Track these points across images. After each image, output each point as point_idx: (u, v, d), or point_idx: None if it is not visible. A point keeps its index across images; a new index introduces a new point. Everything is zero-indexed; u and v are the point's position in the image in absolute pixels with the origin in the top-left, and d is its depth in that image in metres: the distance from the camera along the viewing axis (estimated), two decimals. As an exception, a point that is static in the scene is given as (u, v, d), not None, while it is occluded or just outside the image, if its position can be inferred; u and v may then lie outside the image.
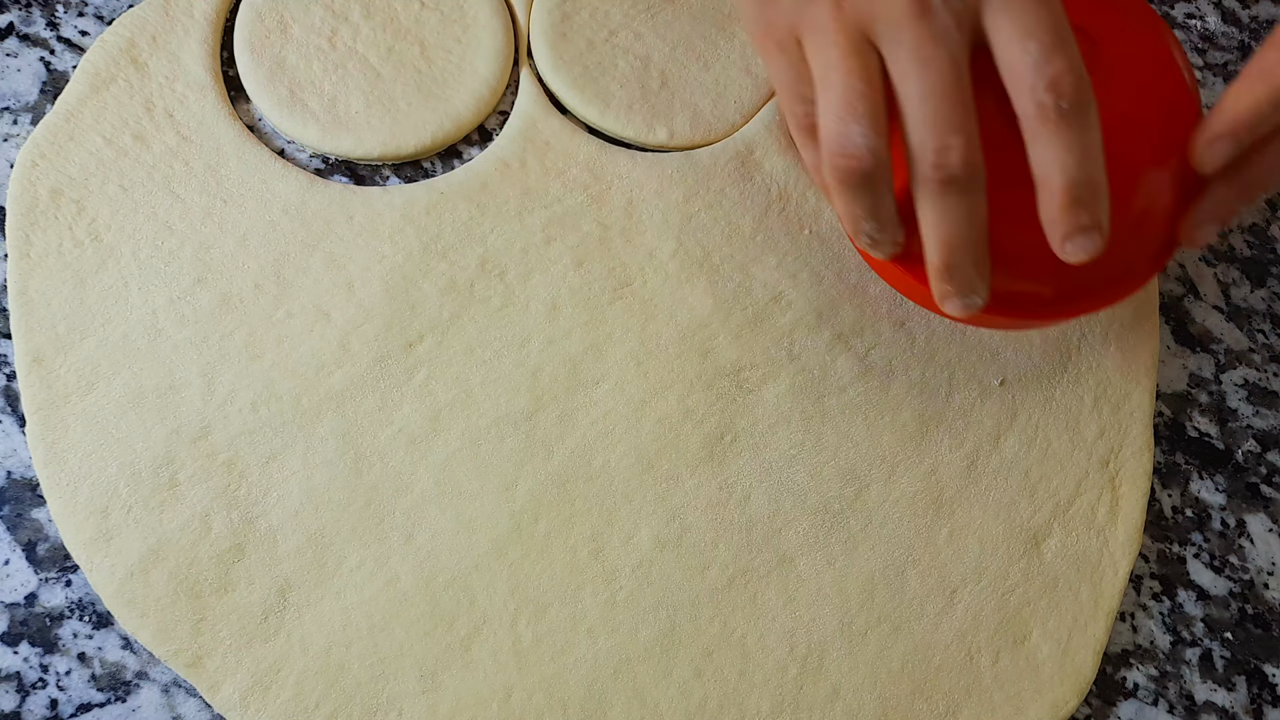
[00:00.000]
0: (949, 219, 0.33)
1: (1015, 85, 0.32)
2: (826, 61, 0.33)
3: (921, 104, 0.32)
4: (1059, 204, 0.32)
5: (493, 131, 0.47)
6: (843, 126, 0.32)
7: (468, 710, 0.37)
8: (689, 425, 0.42)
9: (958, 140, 0.32)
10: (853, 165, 0.33)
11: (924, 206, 0.33)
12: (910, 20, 0.32)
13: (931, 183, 0.32)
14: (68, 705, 0.36)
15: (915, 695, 0.40)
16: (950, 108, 0.32)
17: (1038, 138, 0.32)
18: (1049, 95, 0.31)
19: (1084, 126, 0.32)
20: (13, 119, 0.44)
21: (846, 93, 0.32)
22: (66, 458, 0.38)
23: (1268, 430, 0.48)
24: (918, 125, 0.32)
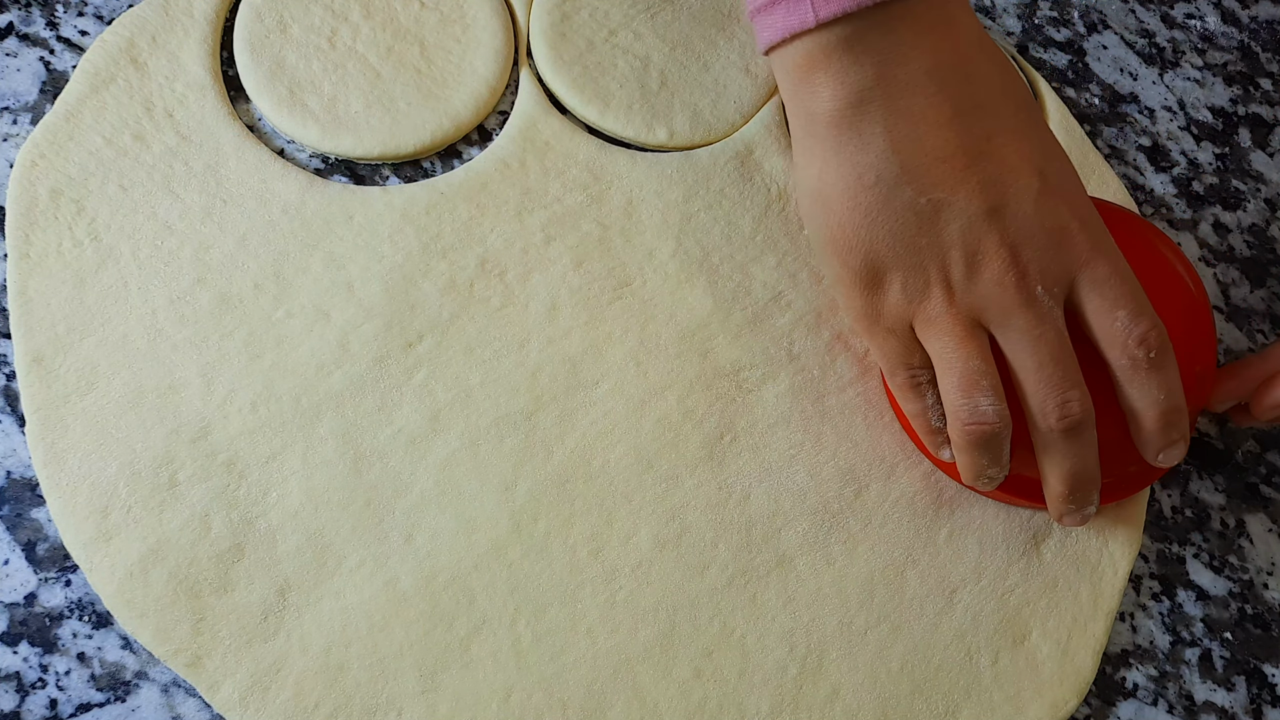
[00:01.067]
0: (1075, 457, 0.39)
1: (1110, 344, 0.38)
2: (944, 346, 0.38)
3: (1039, 371, 0.38)
4: (1156, 429, 0.39)
5: (493, 131, 0.47)
6: (971, 400, 0.38)
7: (467, 710, 0.37)
8: (689, 425, 0.42)
9: (1075, 394, 0.38)
10: (985, 430, 0.38)
11: (1051, 450, 0.39)
12: (1019, 309, 0.37)
13: (1057, 432, 0.38)
14: (67, 705, 0.36)
15: (915, 695, 0.40)
16: (1064, 371, 0.38)
17: (1132, 383, 0.38)
18: (1140, 350, 0.38)
19: (1167, 367, 0.38)
20: (12, 119, 0.44)
21: (969, 371, 0.38)
22: (66, 458, 0.38)
23: (1267, 430, 0.48)
24: (1038, 389, 0.38)
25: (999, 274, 0.37)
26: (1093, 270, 0.38)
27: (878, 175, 0.37)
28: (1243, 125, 0.56)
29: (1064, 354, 0.38)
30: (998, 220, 0.37)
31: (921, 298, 0.38)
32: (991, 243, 0.37)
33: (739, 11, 0.51)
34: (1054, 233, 0.38)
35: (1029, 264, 0.37)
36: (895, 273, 0.38)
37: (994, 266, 0.37)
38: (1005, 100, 0.39)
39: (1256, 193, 0.54)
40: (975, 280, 0.38)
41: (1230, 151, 0.55)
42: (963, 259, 0.38)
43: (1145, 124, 0.54)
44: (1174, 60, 0.57)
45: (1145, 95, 0.55)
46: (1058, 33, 0.56)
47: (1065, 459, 0.39)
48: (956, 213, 0.37)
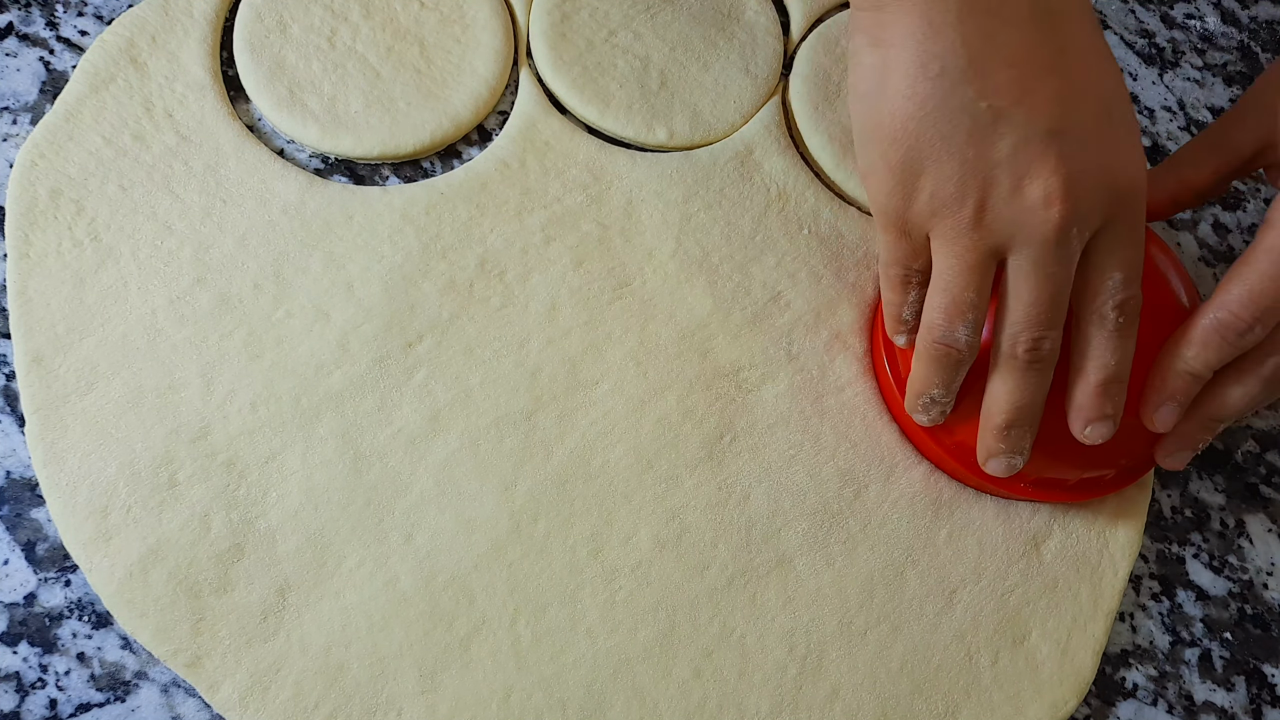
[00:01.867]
0: (1023, 389, 0.38)
1: (1088, 297, 0.37)
2: (950, 267, 0.37)
3: (1031, 306, 0.37)
4: (1093, 393, 0.38)
5: (492, 131, 0.47)
6: (950, 324, 0.38)
7: (467, 710, 0.37)
8: (688, 425, 0.42)
9: (1053, 334, 0.37)
10: (951, 354, 0.38)
11: (1004, 376, 0.38)
12: (1046, 245, 0.36)
13: (1020, 360, 0.37)
14: (67, 705, 0.36)
15: (915, 695, 0.40)
16: (1056, 312, 0.37)
17: (1091, 340, 0.38)
18: (1113, 313, 0.37)
19: (1128, 339, 0.38)
20: (12, 119, 0.44)
21: (962, 301, 0.37)
22: (66, 458, 0.38)
23: (1267, 430, 0.48)
24: (1021, 319, 0.37)
25: (1042, 203, 0.35)
26: (1119, 225, 0.37)
27: (943, 67, 0.35)
28: (1242, 125, 0.56)
29: (1061, 300, 0.37)
30: (1055, 144, 0.35)
31: (950, 212, 0.36)
32: (1045, 168, 0.35)
33: (739, 11, 0.51)
34: (1106, 172, 0.36)
35: (1076, 201, 0.35)
36: (931, 177, 0.36)
37: (1038, 194, 0.35)
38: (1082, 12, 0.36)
39: (1256, 193, 0.54)
40: (1014, 204, 0.36)
41: (1230, 151, 0.55)
42: (1009, 180, 0.35)
43: (1145, 124, 0.54)
44: (1174, 60, 0.57)
45: (1145, 95, 0.55)
46: (1057, 33, 0.56)
47: (1017, 390, 0.38)
48: (1014, 126, 0.35)
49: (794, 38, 0.52)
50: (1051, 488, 0.42)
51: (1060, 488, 0.42)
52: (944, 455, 0.42)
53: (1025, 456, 0.40)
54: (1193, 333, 0.39)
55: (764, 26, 0.51)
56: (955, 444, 0.42)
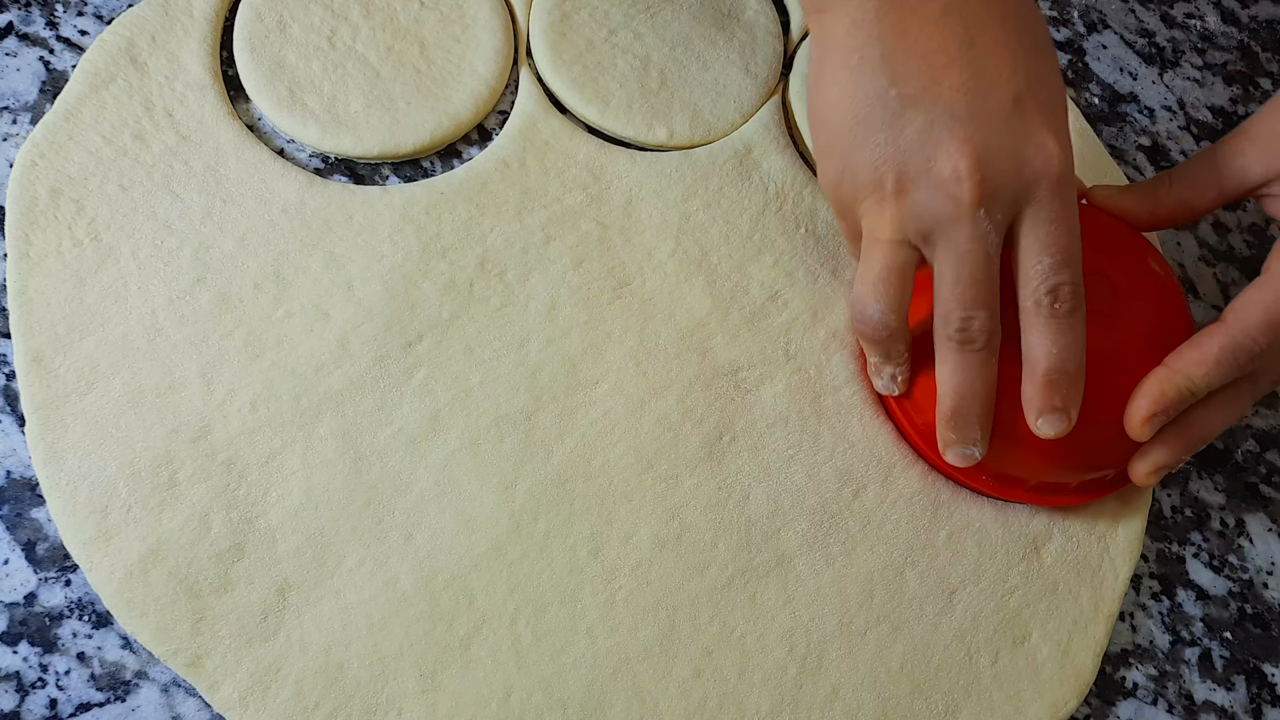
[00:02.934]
0: (962, 373, 0.38)
1: (1023, 284, 0.38)
2: (869, 244, 0.39)
3: (954, 285, 0.37)
4: (1039, 385, 0.38)
5: (492, 131, 0.47)
6: (864, 301, 0.39)
7: (467, 710, 0.37)
8: (688, 425, 0.42)
9: (981, 314, 0.37)
10: (865, 331, 0.40)
11: (943, 364, 0.39)
12: (956, 224, 0.37)
13: (953, 343, 0.38)
14: (67, 705, 0.36)
15: (915, 695, 0.40)
16: (978, 290, 0.37)
17: (1030, 328, 0.38)
18: (1047, 298, 0.37)
19: (1071, 327, 0.37)
20: (12, 119, 0.44)
21: (878, 278, 0.38)
22: (66, 457, 0.38)
23: (1267, 430, 0.48)
24: (948, 300, 0.38)
25: (947, 184, 0.37)
26: (1041, 208, 0.37)
27: (861, 57, 0.38)
28: (1243, 125, 0.56)
29: (986, 278, 0.37)
30: (962, 128, 0.37)
31: (869, 192, 0.38)
32: (949, 150, 0.37)
33: (739, 11, 0.51)
34: (1015, 155, 0.37)
35: (981, 182, 0.36)
36: (851, 158, 0.38)
37: (946, 170, 0.37)
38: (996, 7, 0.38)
39: (1256, 192, 0.54)
40: (925, 182, 0.37)
41: (1230, 151, 0.55)
42: (919, 159, 0.37)
43: (1145, 124, 0.54)
44: (1174, 60, 0.57)
45: (1145, 95, 0.55)
46: (1058, 33, 0.56)
47: (955, 374, 0.38)
48: (922, 110, 0.37)
49: (794, 37, 0.52)
50: (1052, 492, 0.42)
51: (1060, 491, 0.42)
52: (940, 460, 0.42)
53: (981, 446, 0.40)
54: (1207, 353, 0.39)
55: (764, 26, 0.51)
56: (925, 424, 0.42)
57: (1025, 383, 0.38)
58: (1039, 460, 0.41)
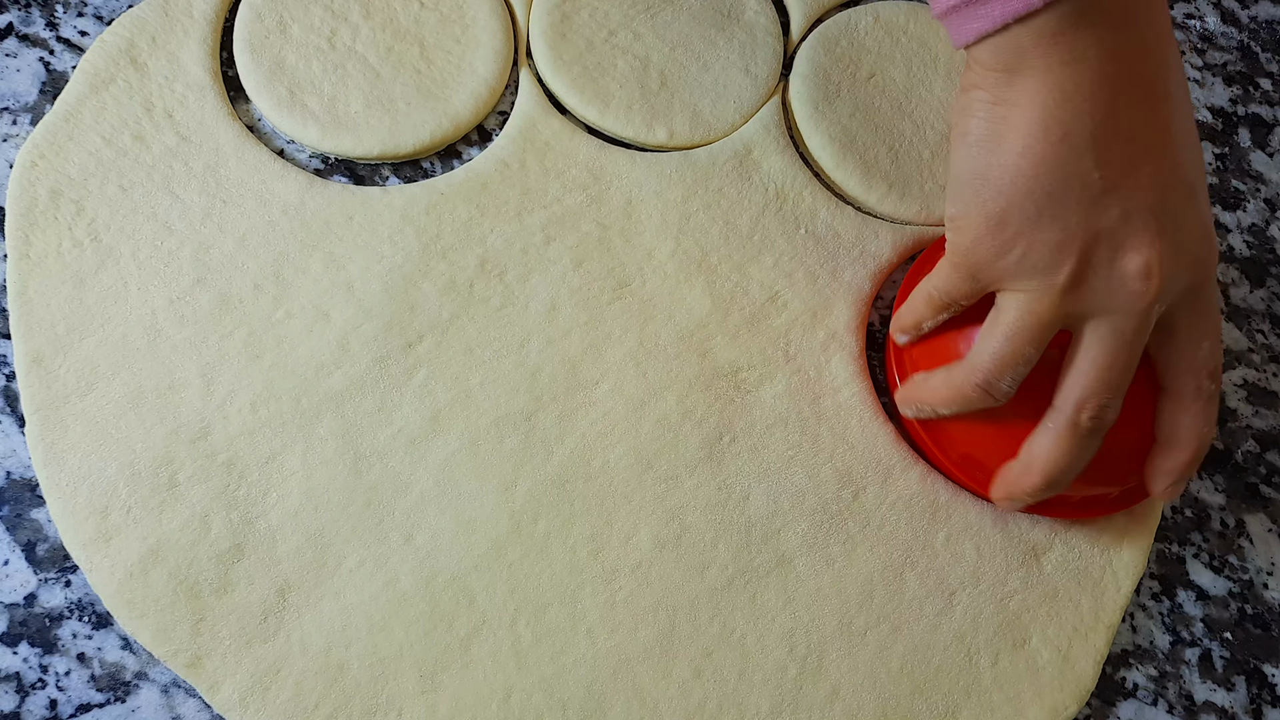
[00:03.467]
0: (1073, 453, 0.38)
1: (1183, 369, 0.38)
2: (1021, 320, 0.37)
3: (1105, 371, 0.37)
4: (1184, 463, 0.39)
5: (492, 131, 0.47)
6: (999, 372, 0.38)
7: (467, 710, 0.37)
8: (688, 426, 0.42)
9: (1117, 403, 0.37)
10: (987, 399, 0.39)
11: (1058, 438, 0.38)
12: (1132, 314, 0.36)
13: (1082, 425, 0.37)
14: (67, 705, 0.36)
15: (915, 695, 0.40)
16: (1123, 379, 0.37)
17: (1188, 411, 0.39)
18: (1209, 383, 0.38)
19: (1215, 407, 0.39)
20: (12, 119, 0.44)
21: (1019, 354, 0.37)
22: (66, 458, 0.38)
23: (1267, 430, 0.48)
24: (1090, 382, 0.37)
25: (1139, 275, 0.36)
26: (1199, 294, 0.37)
27: (1065, 132, 0.35)
28: (1243, 125, 0.56)
29: (1132, 366, 0.37)
30: (1154, 220, 0.36)
31: (1040, 273, 0.37)
32: (1143, 241, 0.36)
33: (739, 11, 0.51)
34: (1190, 247, 0.37)
35: (1166, 276, 0.36)
36: (1028, 237, 0.36)
37: (1136, 266, 0.36)
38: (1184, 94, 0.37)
39: (1256, 193, 0.54)
40: (1110, 274, 0.36)
41: (1230, 151, 0.55)
42: (1109, 250, 0.36)
43: (1145, 124, 0.54)
44: (1174, 60, 0.57)
45: (1145, 95, 0.55)
46: (1058, 32, 0.56)
47: (1068, 453, 0.38)
48: (1122, 199, 0.35)
49: (794, 38, 0.52)
50: (1054, 504, 0.42)
51: (1064, 504, 0.42)
52: (949, 465, 0.42)
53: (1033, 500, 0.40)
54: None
55: (764, 26, 0.51)
56: (961, 456, 0.42)
57: (1165, 457, 0.39)
58: None
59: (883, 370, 0.46)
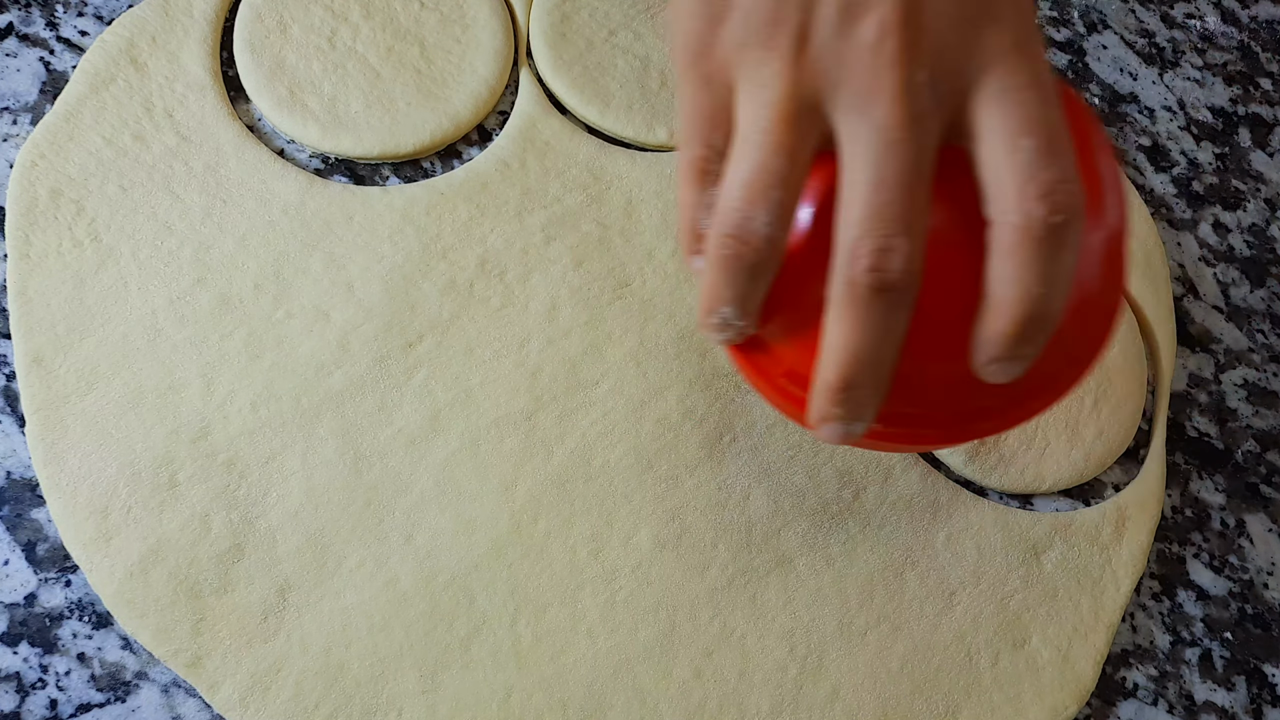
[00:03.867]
0: (866, 331, 0.28)
1: (998, 185, 0.27)
2: (757, 121, 0.28)
3: (874, 193, 0.27)
4: (1006, 330, 0.28)
5: (492, 131, 0.47)
6: (747, 207, 0.28)
7: (467, 710, 0.37)
8: (688, 425, 0.42)
9: (904, 243, 0.27)
10: (744, 252, 0.28)
11: (842, 312, 0.28)
12: (885, 95, 0.27)
13: (860, 287, 0.27)
14: (67, 705, 0.36)
15: (915, 695, 0.40)
16: (906, 205, 0.27)
17: (1010, 254, 0.27)
18: (1039, 206, 0.27)
19: (1064, 249, 0.27)
20: (12, 119, 0.44)
21: (764, 171, 0.28)
22: (66, 458, 0.38)
23: (1267, 430, 0.48)
24: (862, 217, 0.27)
25: (877, 37, 0.27)
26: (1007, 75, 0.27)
27: None
28: (1243, 125, 0.56)
29: (916, 182, 0.27)
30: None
31: (761, 41, 0.28)
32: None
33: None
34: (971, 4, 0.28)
35: (925, 34, 0.27)
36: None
37: (873, 25, 0.27)
38: None
39: (1256, 193, 0.54)
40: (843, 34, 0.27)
41: (1230, 151, 0.55)
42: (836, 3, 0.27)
43: (1145, 124, 0.54)
44: (1174, 60, 0.57)
45: (1145, 95, 0.55)
46: (1058, 33, 0.56)
47: (856, 332, 0.28)
48: None
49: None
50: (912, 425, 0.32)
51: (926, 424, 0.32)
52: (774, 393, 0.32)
53: (868, 420, 0.29)
54: None
55: (764, 26, 0.51)
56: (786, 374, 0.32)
57: (986, 322, 0.28)
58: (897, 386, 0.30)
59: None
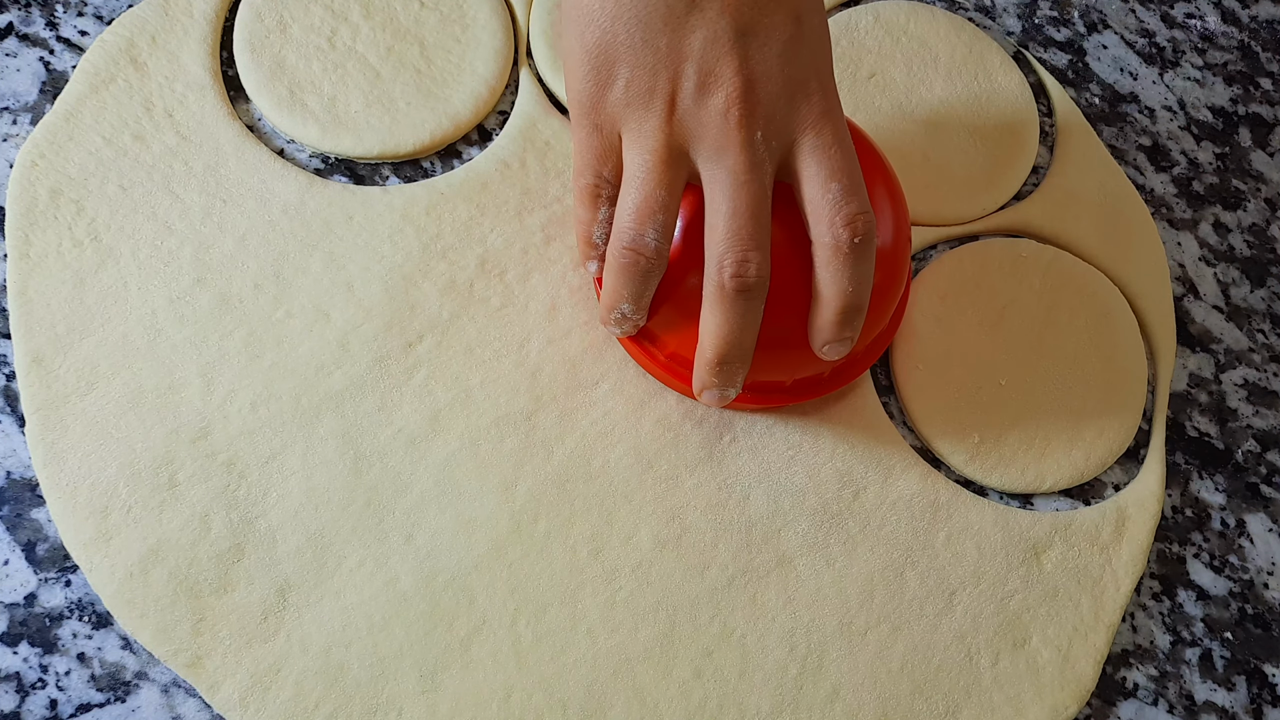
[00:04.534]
0: (733, 321, 0.37)
1: (815, 216, 0.37)
2: (642, 163, 0.36)
3: (730, 220, 0.36)
4: (832, 320, 0.37)
5: (492, 131, 0.47)
6: (639, 226, 0.36)
7: (467, 710, 0.37)
8: (688, 425, 0.42)
9: (756, 255, 0.36)
10: (639, 260, 0.37)
11: (714, 307, 0.37)
12: (734, 148, 0.36)
13: (727, 289, 0.36)
14: (67, 705, 0.36)
15: (915, 695, 0.40)
16: (755, 228, 0.36)
17: (828, 265, 0.37)
18: (845, 231, 0.36)
19: (865, 260, 0.37)
20: (12, 119, 0.44)
21: (651, 199, 0.36)
22: (66, 458, 0.38)
23: (1268, 430, 0.48)
24: (724, 238, 0.36)
25: (725, 104, 0.35)
26: (818, 135, 0.36)
27: None
28: (1243, 125, 0.56)
29: (761, 212, 0.36)
30: (742, 47, 0.35)
31: (641, 104, 0.36)
32: (729, 68, 0.35)
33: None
34: (792, 83, 0.36)
35: (758, 104, 0.36)
36: (625, 66, 0.36)
37: (723, 95, 0.35)
38: None
39: (1256, 192, 0.54)
40: (700, 104, 0.36)
41: (1230, 151, 0.55)
42: (695, 75, 0.36)
43: (1145, 124, 0.54)
44: (1174, 60, 0.57)
45: (1145, 95, 0.55)
46: (1058, 33, 0.56)
47: (727, 322, 0.37)
48: (706, 22, 0.35)
49: (794, 37, 0.52)
50: (769, 391, 0.42)
51: (778, 390, 0.42)
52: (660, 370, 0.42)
53: (738, 387, 0.39)
54: None
55: (764, 26, 0.51)
56: (670, 356, 0.41)
57: (819, 316, 0.38)
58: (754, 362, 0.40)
59: (883, 370, 0.46)
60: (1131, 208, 0.51)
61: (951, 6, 0.55)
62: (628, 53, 0.36)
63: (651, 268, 0.37)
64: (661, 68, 0.36)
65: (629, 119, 0.37)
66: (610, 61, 0.36)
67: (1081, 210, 0.50)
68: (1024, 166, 0.50)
